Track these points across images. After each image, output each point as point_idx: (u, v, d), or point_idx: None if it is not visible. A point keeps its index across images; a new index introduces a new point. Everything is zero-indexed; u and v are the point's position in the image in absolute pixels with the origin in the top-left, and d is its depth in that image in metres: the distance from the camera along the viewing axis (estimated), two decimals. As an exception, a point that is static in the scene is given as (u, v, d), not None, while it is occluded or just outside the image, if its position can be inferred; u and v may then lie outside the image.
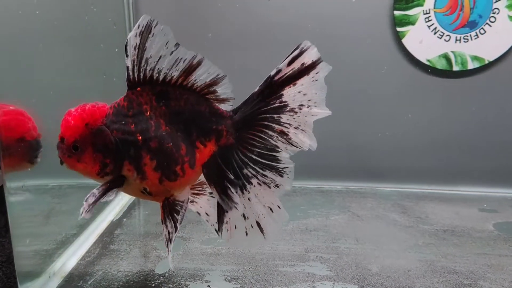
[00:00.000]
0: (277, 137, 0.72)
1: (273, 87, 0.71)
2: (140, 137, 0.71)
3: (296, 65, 0.70)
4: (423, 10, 1.38)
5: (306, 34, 1.43)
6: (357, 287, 0.85)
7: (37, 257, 0.92)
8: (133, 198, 1.34)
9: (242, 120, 0.72)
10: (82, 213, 0.71)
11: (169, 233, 0.76)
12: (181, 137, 0.72)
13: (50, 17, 1.00)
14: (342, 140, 1.50)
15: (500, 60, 1.38)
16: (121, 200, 1.33)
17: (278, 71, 0.70)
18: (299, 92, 0.70)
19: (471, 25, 1.37)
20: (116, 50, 1.22)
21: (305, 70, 0.70)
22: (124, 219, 1.20)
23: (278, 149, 0.73)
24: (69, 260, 0.96)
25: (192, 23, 1.46)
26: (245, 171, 0.73)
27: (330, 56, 1.42)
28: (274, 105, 0.71)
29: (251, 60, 1.44)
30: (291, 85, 0.70)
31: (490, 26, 1.36)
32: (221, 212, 0.74)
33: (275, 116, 0.71)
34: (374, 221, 1.20)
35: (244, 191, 0.73)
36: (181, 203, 0.76)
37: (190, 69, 0.70)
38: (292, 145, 0.72)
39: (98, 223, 1.16)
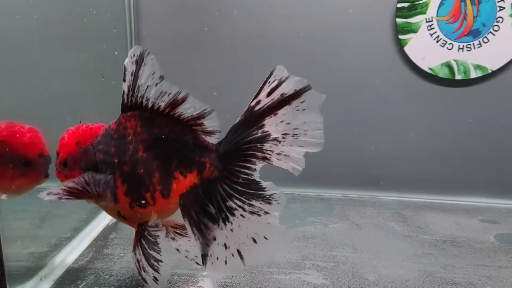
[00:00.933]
0: (259, 162, 0.69)
1: (253, 118, 0.69)
2: (116, 160, 0.73)
3: (275, 95, 0.68)
4: (426, 18, 1.37)
5: (306, 41, 1.43)
6: (353, 296, 0.83)
7: (30, 259, 0.91)
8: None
9: (226, 152, 0.71)
10: (43, 195, 0.73)
11: (138, 261, 0.77)
12: (156, 165, 0.72)
13: (48, 19, 1.00)
14: (342, 147, 1.48)
15: (503, 70, 1.37)
16: None
17: (258, 102, 0.69)
18: (282, 121, 0.68)
19: (475, 33, 1.35)
20: (116, 53, 1.21)
21: (287, 100, 0.68)
22: (120, 224, 1.18)
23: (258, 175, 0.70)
24: (61, 263, 0.95)
25: (193, 26, 1.45)
26: (230, 203, 0.71)
27: (331, 63, 1.44)
28: (256, 135, 0.69)
29: (250, 65, 1.44)
30: (272, 115, 0.68)
31: (493, 35, 1.34)
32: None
33: (258, 145, 0.69)
34: (373, 230, 1.18)
35: (227, 223, 0.71)
36: (152, 233, 0.76)
37: (175, 103, 0.71)
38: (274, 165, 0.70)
39: (93, 227, 1.14)
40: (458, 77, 1.38)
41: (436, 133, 1.45)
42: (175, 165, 0.72)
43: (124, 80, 0.70)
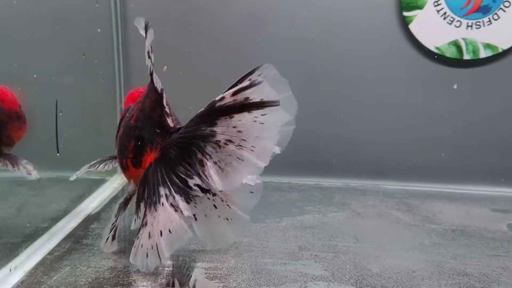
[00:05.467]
0: (196, 165, 0.66)
1: (211, 113, 0.64)
2: (120, 122, 0.85)
3: (240, 97, 0.62)
4: (432, -7, 1.30)
5: (306, 18, 1.36)
6: (354, 288, 0.76)
7: (2, 250, 0.88)
8: (115, 191, 1.30)
9: (175, 139, 0.69)
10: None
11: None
12: (135, 135, 0.77)
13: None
14: (342, 133, 1.42)
15: (514, 49, 1.30)
16: (101, 194, 1.25)
17: (221, 98, 0.63)
18: (234, 127, 0.62)
19: (484, 10, 1.29)
20: (99, 30, 1.14)
21: (248, 106, 0.62)
22: (103, 213, 1.12)
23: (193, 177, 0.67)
24: (35, 254, 0.88)
25: (184, 1, 1.39)
26: (161, 189, 0.69)
27: (330, 43, 1.38)
28: (204, 132, 0.65)
29: (244, 47, 1.39)
30: (227, 117, 0.63)
31: (504, 11, 1.27)
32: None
33: (202, 143, 0.65)
34: (375, 219, 1.12)
35: (154, 209, 0.69)
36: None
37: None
38: (201, 177, 0.66)
39: (73, 217, 1.08)
40: (466, 56, 1.32)
41: (443, 117, 1.38)
42: (146, 138, 0.75)
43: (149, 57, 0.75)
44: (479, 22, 1.29)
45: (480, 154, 1.39)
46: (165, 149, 0.70)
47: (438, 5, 1.29)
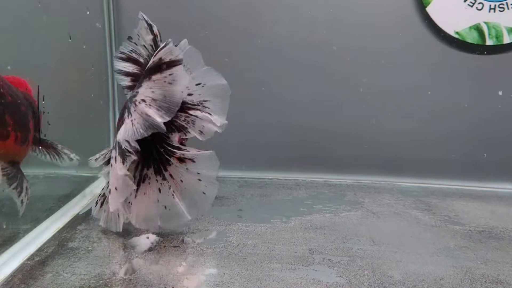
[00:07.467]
0: (122, 123, 0.74)
1: (143, 77, 0.72)
2: None
3: (156, 58, 0.69)
4: (451, -27, 1.23)
5: (314, 6, 1.28)
6: (375, 298, 0.69)
7: None
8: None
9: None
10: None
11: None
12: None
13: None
14: (353, 127, 1.34)
15: (541, 34, 1.23)
16: (91, 192, 1.19)
17: (147, 62, 0.72)
18: (150, 88, 0.69)
19: (508, -10, 1.21)
20: (88, 13, 1.06)
21: (160, 67, 0.68)
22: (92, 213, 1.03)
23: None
24: (13, 259, 0.81)
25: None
26: (113, 152, 0.77)
27: (341, 28, 1.29)
28: (133, 93, 0.72)
29: (246, 37, 1.30)
30: (148, 79, 0.70)
31: (530, -8, 1.20)
32: None
33: (129, 103, 0.73)
34: (392, 219, 1.04)
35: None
36: None
37: None
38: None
39: (58, 217, 1.00)
40: (489, 42, 1.23)
41: (464, 108, 1.30)
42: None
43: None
44: (502, 4, 1.21)
45: (505, 148, 1.31)
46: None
47: (459, -15, 1.21)
